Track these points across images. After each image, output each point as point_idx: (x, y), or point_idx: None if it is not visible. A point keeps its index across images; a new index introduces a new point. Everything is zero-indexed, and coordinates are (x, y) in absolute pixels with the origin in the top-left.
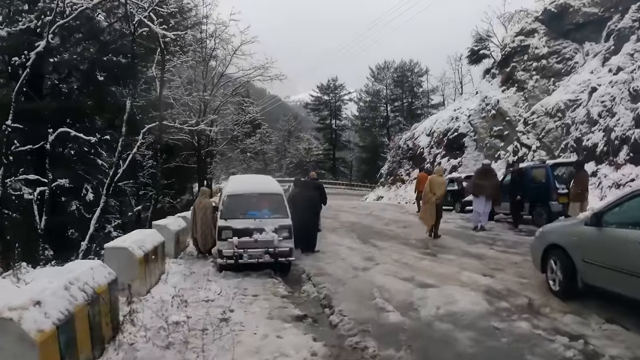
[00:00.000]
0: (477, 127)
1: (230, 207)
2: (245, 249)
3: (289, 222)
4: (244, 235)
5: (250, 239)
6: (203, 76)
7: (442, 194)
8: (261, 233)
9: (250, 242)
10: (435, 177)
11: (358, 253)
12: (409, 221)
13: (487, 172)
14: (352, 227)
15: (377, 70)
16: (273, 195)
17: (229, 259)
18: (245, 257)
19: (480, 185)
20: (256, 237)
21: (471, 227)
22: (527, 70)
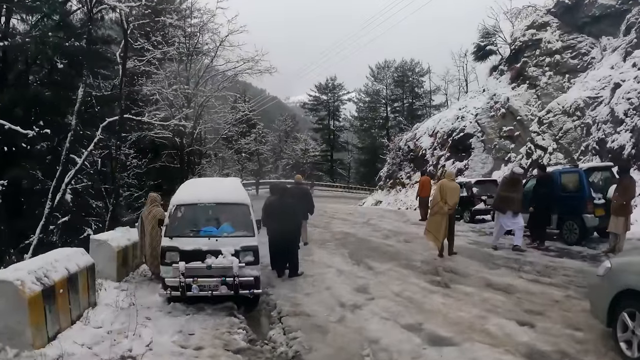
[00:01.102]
0: (484, 127)
1: (178, 221)
2: (194, 278)
3: (254, 243)
4: (193, 260)
5: (202, 264)
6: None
7: (455, 202)
8: (217, 257)
9: (202, 268)
10: (446, 182)
11: (349, 280)
12: (411, 234)
13: (516, 183)
14: (344, 241)
15: (377, 69)
16: (235, 205)
17: (174, 291)
18: (195, 290)
19: (508, 199)
20: (210, 261)
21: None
22: (539, 66)
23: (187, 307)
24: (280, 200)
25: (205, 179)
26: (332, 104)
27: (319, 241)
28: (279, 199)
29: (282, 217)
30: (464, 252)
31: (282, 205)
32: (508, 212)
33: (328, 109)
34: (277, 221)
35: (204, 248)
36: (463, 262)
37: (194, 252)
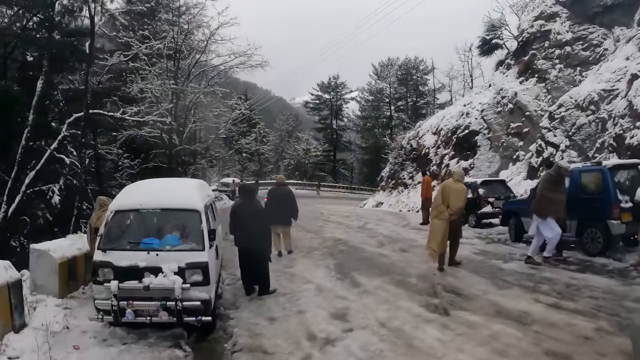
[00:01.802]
0: (491, 124)
1: (115, 230)
2: (129, 301)
3: (203, 259)
4: (129, 278)
5: (139, 284)
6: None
7: (459, 207)
8: (156, 275)
9: (139, 289)
10: (451, 183)
11: (327, 301)
12: (409, 241)
13: (561, 181)
14: (334, 249)
15: (380, 67)
16: (184, 212)
17: (107, 315)
18: (129, 315)
19: (551, 201)
20: (147, 281)
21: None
22: (548, 59)
23: (128, 334)
24: (247, 204)
25: (156, 180)
26: (335, 103)
27: (305, 249)
28: (245, 202)
29: (248, 224)
30: (469, 265)
31: (249, 210)
32: (550, 218)
33: (331, 108)
34: (243, 229)
35: (142, 264)
36: (467, 278)
37: (129, 269)
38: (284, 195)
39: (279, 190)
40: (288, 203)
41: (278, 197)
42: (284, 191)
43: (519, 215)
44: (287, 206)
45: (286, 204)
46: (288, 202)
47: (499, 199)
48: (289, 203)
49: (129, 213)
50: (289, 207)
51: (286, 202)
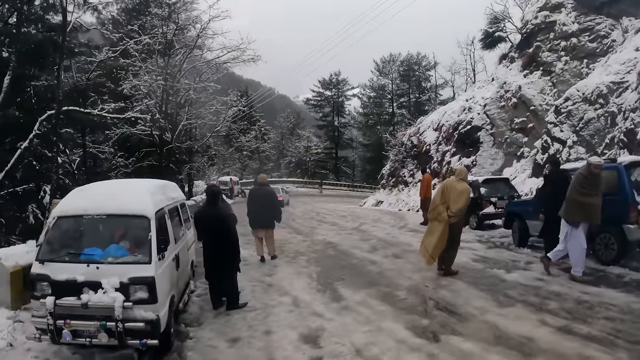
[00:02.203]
0: (494, 119)
1: (56, 239)
2: (67, 320)
3: (148, 273)
4: (67, 294)
5: (77, 301)
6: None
7: (460, 209)
8: (96, 291)
9: (77, 307)
10: (453, 181)
11: (301, 319)
12: (404, 245)
13: (597, 181)
14: (322, 254)
15: (382, 63)
16: (130, 218)
17: (44, 334)
18: (66, 336)
19: (583, 206)
20: (86, 298)
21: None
22: (554, 51)
23: (73, 354)
24: (211, 209)
25: (109, 182)
26: (337, 99)
27: (291, 254)
28: (209, 207)
29: (213, 231)
30: (467, 275)
31: (212, 216)
32: (582, 225)
33: (332, 105)
34: (207, 237)
35: (80, 278)
36: (464, 291)
37: (67, 284)
38: (265, 196)
39: (260, 191)
40: (269, 204)
41: (259, 198)
42: (265, 192)
43: (523, 218)
44: (269, 208)
45: (267, 206)
46: (269, 203)
47: (502, 198)
48: (270, 204)
49: (73, 219)
50: (270, 209)
51: (267, 203)
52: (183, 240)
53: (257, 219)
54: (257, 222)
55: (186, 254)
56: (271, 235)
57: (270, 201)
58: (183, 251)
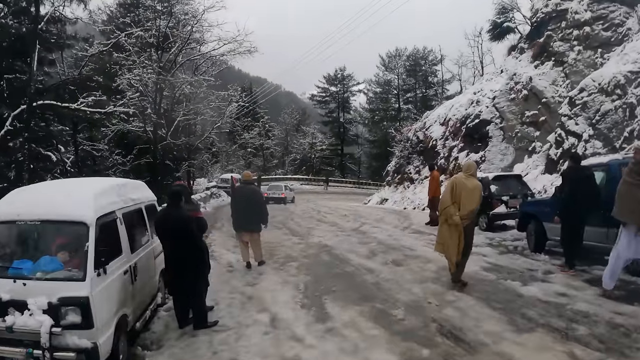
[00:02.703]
0: (504, 112)
1: None
2: None
3: (82, 292)
4: None
5: (2, 323)
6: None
7: (472, 210)
8: (22, 312)
9: (2, 330)
10: (462, 178)
11: (276, 345)
12: (406, 249)
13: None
14: (315, 259)
15: (388, 58)
16: (66, 225)
17: None
18: None
19: (632, 201)
20: (11, 320)
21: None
22: (565, 40)
23: None
24: (173, 211)
25: (52, 182)
26: (342, 95)
27: (281, 259)
28: (170, 209)
29: (173, 236)
30: (478, 287)
31: (174, 218)
32: (629, 227)
33: (337, 101)
34: (167, 242)
35: (5, 297)
36: (474, 309)
37: None
38: (249, 195)
39: (243, 190)
40: (253, 205)
41: (242, 198)
42: (249, 191)
43: (540, 220)
44: (253, 209)
45: (251, 207)
46: (254, 202)
47: (514, 197)
48: (255, 205)
49: (4, 226)
50: (254, 210)
51: (251, 203)
52: (147, 248)
53: (240, 222)
54: (241, 225)
55: (152, 263)
56: (257, 240)
57: (255, 201)
58: (145, 261)
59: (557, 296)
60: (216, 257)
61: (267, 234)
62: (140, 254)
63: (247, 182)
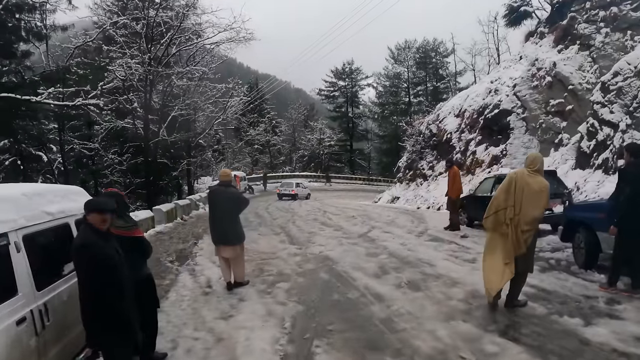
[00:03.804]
0: (526, 101)
1: None
2: None
3: None
4: None
5: None
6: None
7: (537, 217)
8: None
9: None
10: (523, 175)
11: None
12: (424, 264)
13: None
14: (311, 278)
15: (397, 50)
16: None
17: None
18: None
19: None
20: None
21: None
22: (591, 22)
23: None
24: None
25: None
26: (350, 89)
27: (271, 277)
28: (86, 232)
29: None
30: (524, 326)
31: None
32: None
33: (346, 95)
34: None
35: None
36: None
37: None
38: (228, 199)
39: (222, 193)
40: (232, 211)
41: (219, 203)
42: (227, 194)
43: (592, 228)
44: (232, 217)
45: (229, 214)
46: (232, 207)
47: (558, 196)
48: (233, 209)
49: None
50: (234, 219)
51: (228, 208)
52: (73, 279)
53: (216, 233)
54: (218, 238)
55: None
56: (239, 256)
57: (234, 205)
58: (68, 298)
59: (638, 343)
60: (196, 272)
61: (262, 242)
62: (59, 288)
63: (224, 183)
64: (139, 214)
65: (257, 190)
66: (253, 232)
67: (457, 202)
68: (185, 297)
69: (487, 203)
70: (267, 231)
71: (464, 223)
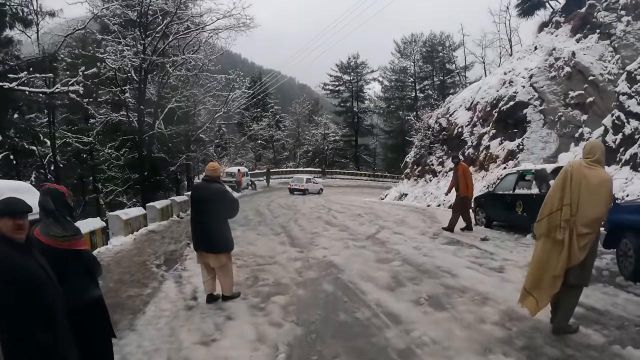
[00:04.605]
0: (543, 93)
1: None
2: None
3: None
4: None
5: None
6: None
7: (599, 216)
8: None
9: None
10: (581, 167)
11: None
12: (446, 272)
13: None
14: (313, 291)
15: (403, 44)
16: None
17: None
18: None
19: None
20: None
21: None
22: (611, 10)
23: None
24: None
25: None
26: (356, 84)
27: (266, 288)
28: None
29: None
30: (582, 357)
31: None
32: None
33: (351, 89)
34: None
35: None
36: None
37: None
38: (211, 197)
39: (205, 190)
40: (215, 210)
41: (203, 200)
42: (212, 191)
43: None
44: (215, 219)
45: (211, 214)
46: (216, 208)
47: None
48: (218, 210)
49: None
50: (218, 220)
51: (212, 209)
52: None
53: (197, 237)
54: (198, 242)
55: None
56: (225, 265)
57: (219, 207)
58: None
59: None
60: (183, 279)
61: (260, 243)
62: None
63: (210, 178)
64: (129, 212)
65: (260, 186)
66: (251, 232)
67: (466, 201)
68: (165, 312)
69: (509, 201)
70: (267, 231)
71: (481, 223)
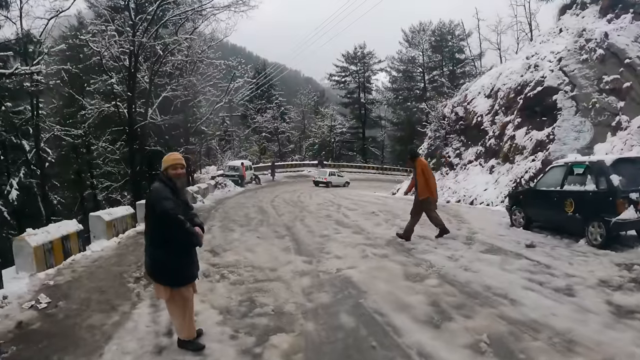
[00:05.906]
0: (574, 78)
1: None
2: None
3: None
4: None
5: None
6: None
7: None
8: None
9: None
10: None
11: None
12: (501, 297)
13: None
14: (326, 329)
15: (412, 33)
16: None
17: None
18: None
19: None
20: None
21: None
22: None
23: None
24: None
25: None
26: (362, 74)
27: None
28: None
29: None
30: None
31: None
32: None
33: (358, 80)
34: None
35: None
36: None
37: None
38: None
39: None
40: (148, 223)
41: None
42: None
43: None
44: (149, 232)
45: (146, 224)
46: (148, 220)
47: None
48: (149, 222)
49: None
50: (151, 235)
51: (147, 220)
52: None
53: None
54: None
55: None
56: (167, 300)
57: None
58: None
59: None
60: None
61: (260, 249)
62: None
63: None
64: (114, 212)
65: (265, 180)
66: (251, 235)
67: (424, 204)
68: (127, 355)
69: (557, 199)
70: (269, 233)
71: (518, 225)
